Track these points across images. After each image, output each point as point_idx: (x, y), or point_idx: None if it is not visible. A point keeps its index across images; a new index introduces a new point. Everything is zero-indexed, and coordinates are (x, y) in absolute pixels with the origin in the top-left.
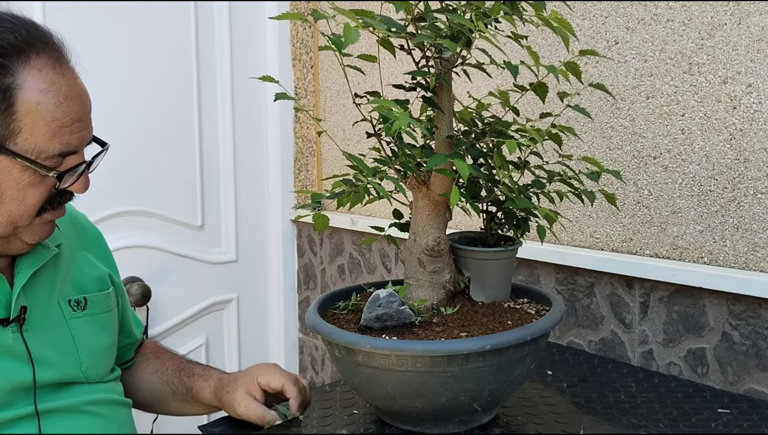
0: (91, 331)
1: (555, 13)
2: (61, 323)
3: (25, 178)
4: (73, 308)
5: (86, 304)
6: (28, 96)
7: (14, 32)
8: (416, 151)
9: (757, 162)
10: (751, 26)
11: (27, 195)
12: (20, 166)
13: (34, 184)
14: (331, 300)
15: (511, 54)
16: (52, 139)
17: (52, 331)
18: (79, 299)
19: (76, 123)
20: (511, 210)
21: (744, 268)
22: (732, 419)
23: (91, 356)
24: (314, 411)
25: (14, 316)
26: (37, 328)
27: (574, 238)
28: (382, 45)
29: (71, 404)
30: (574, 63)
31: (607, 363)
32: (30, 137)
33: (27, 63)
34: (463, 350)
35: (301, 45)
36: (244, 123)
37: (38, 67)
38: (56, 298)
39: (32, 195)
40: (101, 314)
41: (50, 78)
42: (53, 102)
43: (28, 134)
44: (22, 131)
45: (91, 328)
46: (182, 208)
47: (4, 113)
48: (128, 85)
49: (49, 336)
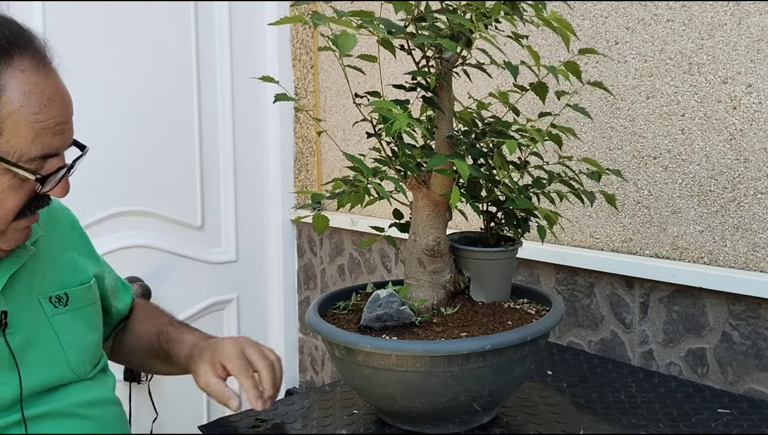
0: (75, 327)
1: (555, 13)
2: (43, 322)
3: (4, 182)
4: (54, 305)
5: (68, 299)
6: (11, 98)
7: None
8: (416, 152)
9: (757, 162)
10: (751, 26)
11: (6, 199)
12: (0, 169)
13: (13, 188)
14: (331, 300)
15: (511, 54)
16: (34, 141)
17: (36, 332)
18: (60, 295)
19: (59, 125)
20: (511, 210)
21: (744, 268)
22: (732, 419)
23: (79, 353)
24: (314, 411)
25: None
26: (20, 331)
27: (574, 238)
28: (382, 45)
29: (60, 408)
30: (574, 63)
31: (607, 363)
32: (11, 139)
33: (10, 64)
34: (463, 350)
35: (301, 45)
36: (244, 123)
37: (21, 68)
38: (36, 297)
39: (11, 199)
40: (84, 308)
41: (33, 80)
42: (36, 104)
43: (9, 136)
44: (3, 133)
45: (75, 323)
46: (182, 208)
47: None
48: (128, 85)
49: (33, 338)
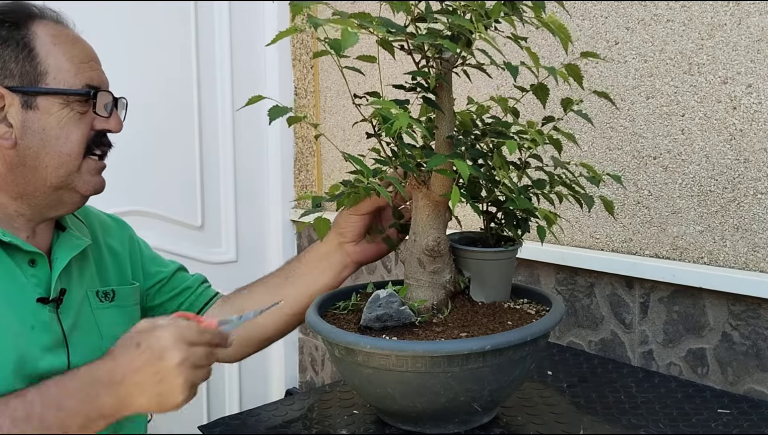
0: (116, 321)
1: (553, 16)
2: (87, 313)
3: (63, 116)
4: (100, 299)
5: (114, 295)
6: (44, 41)
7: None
8: (416, 152)
9: (757, 162)
10: (751, 26)
11: (69, 132)
12: (58, 104)
13: (73, 120)
14: (331, 300)
15: (511, 54)
16: (77, 74)
17: (80, 319)
18: (107, 291)
19: (92, 61)
20: (511, 210)
21: (744, 268)
22: (732, 419)
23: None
24: (314, 411)
25: (54, 296)
26: (69, 313)
27: (574, 238)
28: (381, 45)
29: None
30: (576, 66)
31: (607, 363)
32: (57, 75)
33: (35, 20)
34: (463, 350)
35: (301, 45)
36: (244, 123)
37: (44, 23)
38: (85, 289)
39: (74, 131)
40: (129, 307)
41: (57, 28)
42: (67, 42)
43: (55, 73)
44: (49, 72)
45: (117, 319)
46: (182, 208)
47: (28, 58)
48: (128, 85)
49: (78, 324)
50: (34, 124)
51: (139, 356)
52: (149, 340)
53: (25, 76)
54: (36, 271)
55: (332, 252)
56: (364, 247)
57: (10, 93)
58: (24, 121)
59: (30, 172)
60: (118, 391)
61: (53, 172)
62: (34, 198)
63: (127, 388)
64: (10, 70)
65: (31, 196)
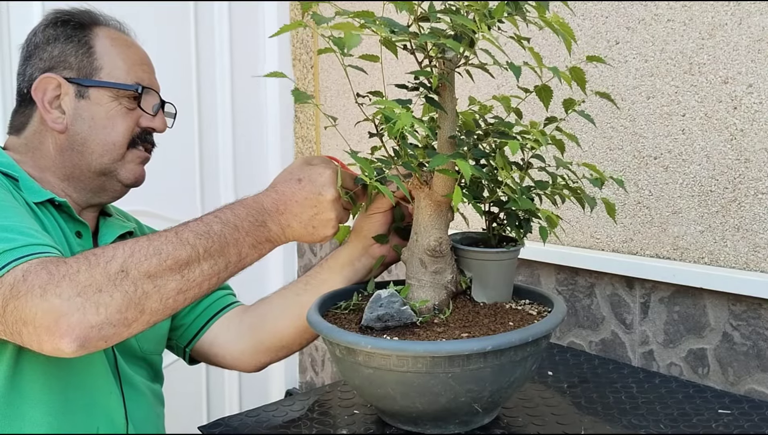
0: None
1: (557, 16)
2: None
3: (113, 108)
4: None
5: None
6: (103, 42)
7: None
8: (419, 151)
9: (758, 162)
10: (752, 26)
11: (116, 123)
12: (108, 96)
13: (121, 114)
14: (332, 300)
15: (513, 53)
16: (129, 73)
17: None
18: None
19: (144, 65)
20: (513, 211)
21: (745, 268)
22: (733, 420)
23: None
24: (314, 411)
25: None
26: None
27: (575, 238)
28: (384, 45)
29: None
30: (580, 69)
31: (608, 363)
32: (112, 72)
33: (97, 25)
34: (464, 351)
35: (301, 45)
36: (244, 123)
37: (106, 28)
38: None
39: (120, 123)
40: None
41: (116, 33)
42: (123, 45)
43: (110, 69)
44: (103, 68)
45: None
46: (182, 208)
47: (86, 54)
48: None
49: None
50: (85, 112)
51: (300, 190)
52: (311, 176)
53: (81, 69)
54: (83, 242)
55: (357, 257)
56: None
57: (66, 83)
58: (76, 109)
59: (77, 156)
60: (280, 220)
61: (98, 159)
62: (79, 181)
63: (287, 218)
64: (69, 64)
65: (77, 179)
